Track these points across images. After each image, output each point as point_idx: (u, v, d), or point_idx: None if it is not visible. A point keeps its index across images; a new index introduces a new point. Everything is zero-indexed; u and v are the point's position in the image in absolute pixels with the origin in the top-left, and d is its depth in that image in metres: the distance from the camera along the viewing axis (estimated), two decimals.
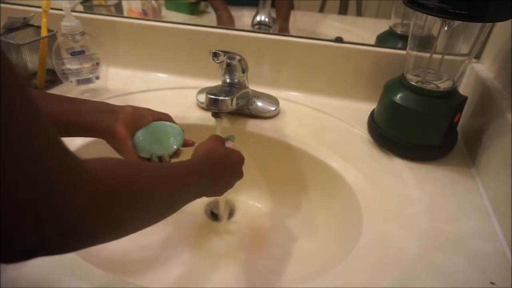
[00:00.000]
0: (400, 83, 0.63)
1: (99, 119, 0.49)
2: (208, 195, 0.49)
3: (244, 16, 0.89)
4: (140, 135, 0.53)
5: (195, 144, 0.58)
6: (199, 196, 0.46)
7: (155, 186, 0.36)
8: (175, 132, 0.56)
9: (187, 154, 0.55)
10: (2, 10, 0.82)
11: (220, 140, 0.53)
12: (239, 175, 0.54)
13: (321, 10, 0.90)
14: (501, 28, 0.65)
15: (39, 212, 0.23)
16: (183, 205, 0.42)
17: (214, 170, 0.48)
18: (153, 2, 0.93)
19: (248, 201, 0.73)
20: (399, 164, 0.63)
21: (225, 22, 0.89)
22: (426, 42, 0.61)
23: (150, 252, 0.63)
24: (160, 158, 0.54)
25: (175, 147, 0.55)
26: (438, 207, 0.55)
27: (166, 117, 0.57)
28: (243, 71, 0.66)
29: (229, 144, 0.55)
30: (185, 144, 0.57)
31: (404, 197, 0.57)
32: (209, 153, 0.49)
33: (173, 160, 0.56)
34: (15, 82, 0.21)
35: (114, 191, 0.30)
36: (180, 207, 0.42)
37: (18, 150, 0.21)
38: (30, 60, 0.78)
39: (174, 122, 0.57)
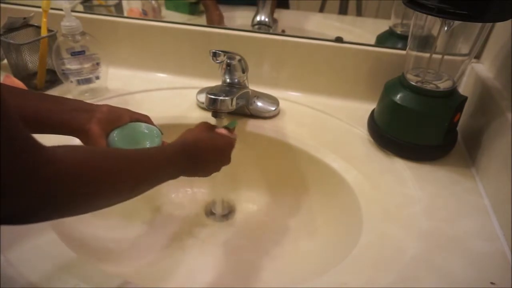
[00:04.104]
0: (400, 83, 0.63)
1: (72, 117, 0.49)
2: (187, 176, 0.51)
3: (244, 16, 0.89)
4: (115, 135, 0.52)
5: None
6: (175, 177, 0.48)
7: (116, 171, 0.38)
8: (152, 134, 0.55)
9: None
10: (2, 10, 0.82)
11: (207, 127, 0.55)
12: (224, 160, 0.56)
13: (321, 10, 0.90)
14: (501, 28, 0.65)
15: (5, 186, 0.27)
16: (154, 185, 0.44)
17: (192, 156, 0.50)
18: (153, 2, 0.93)
19: (248, 200, 0.73)
20: (399, 164, 0.63)
21: (215, 19, 0.89)
22: (426, 42, 0.61)
23: (149, 251, 0.63)
24: None
25: None
26: (438, 207, 0.55)
27: (145, 119, 0.56)
28: (243, 71, 0.66)
29: (221, 131, 0.56)
30: None
31: (404, 197, 0.57)
32: (191, 140, 0.51)
33: None
34: None
35: (69, 173, 0.32)
36: (150, 188, 0.44)
37: None
38: (30, 60, 0.78)
39: (153, 124, 0.57)
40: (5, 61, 0.79)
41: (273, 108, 0.73)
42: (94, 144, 0.50)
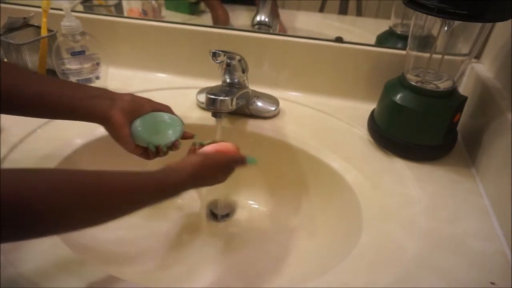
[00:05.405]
0: (400, 83, 0.63)
1: (95, 104, 0.50)
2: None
3: (243, 16, 0.89)
4: (138, 124, 0.53)
5: (195, 137, 0.58)
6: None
7: (65, 207, 0.34)
8: (174, 123, 0.56)
9: (186, 147, 0.56)
10: (2, 10, 0.82)
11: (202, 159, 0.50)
12: (218, 180, 0.52)
13: (321, 10, 0.90)
14: (501, 28, 0.65)
15: None
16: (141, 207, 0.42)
17: (182, 182, 0.46)
18: (153, 2, 0.93)
19: (248, 201, 0.73)
20: (399, 164, 0.63)
21: (221, 19, 0.89)
22: (426, 42, 0.61)
23: (149, 251, 0.63)
24: (157, 148, 0.54)
25: (173, 138, 0.55)
26: (438, 207, 0.55)
27: (167, 109, 0.57)
28: (243, 71, 0.66)
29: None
30: (185, 136, 0.57)
31: (404, 197, 0.57)
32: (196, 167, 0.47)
33: (171, 152, 0.56)
34: None
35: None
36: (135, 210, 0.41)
37: None
38: (30, 60, 0.78)
39: (174, 114, 0.57)
40: (5, 61, 0.79)
41: (273, 108, 0.73)
42: (117, 131, 0.51)
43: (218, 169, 0.51)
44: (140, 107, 0.54)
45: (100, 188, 0.37)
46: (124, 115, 0.51)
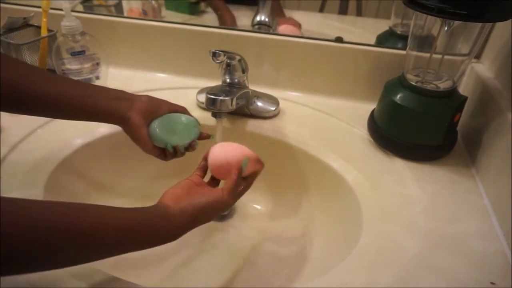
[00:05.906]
0: (400, 83, 0.63)
1: (113, 105, 0.50)
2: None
3: (244, 16, 0.89)
4: (156, 125, 0.54)
5: (211, 137, 0.58)
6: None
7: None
8: (191, 124, 0.56)
9: (202, 147, 0.56)
10: (2, 10, 0.82)
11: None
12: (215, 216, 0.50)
13: (321, 10, 0.90)
14: (501, 28, 0.65)
15: None
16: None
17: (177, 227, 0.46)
18: (153, 2, 0.93)
19: (248, 201, 0.73)
20: (399, 164, 0.63)
21: (228, 21, 0.89)
22: (426, 42, 0.61)
23: (149, 251, 0.63)
24: (175, 149, 0.55)
25: (190, 139, 0.55)
26: (438, 207, 0.55)
27: (182, 110, 0.58)
28: (243, 71, 0.66)
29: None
30: (201, 137, 0.57)
31: (404, 197, 0.57)
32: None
33: (188, 153, 0.56)
34: None
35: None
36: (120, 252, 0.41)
37: None
38: (30, 60, 0.78)
39: (190, 115, 0.58)
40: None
41: (273, 108, 0.73)
42: (135, 132, 0.51)
43: (220, 210, 0.49)
44: (157, 108, 0.54)
45: (94, 237, 0.36)
46: (142, 116, 0.51)
